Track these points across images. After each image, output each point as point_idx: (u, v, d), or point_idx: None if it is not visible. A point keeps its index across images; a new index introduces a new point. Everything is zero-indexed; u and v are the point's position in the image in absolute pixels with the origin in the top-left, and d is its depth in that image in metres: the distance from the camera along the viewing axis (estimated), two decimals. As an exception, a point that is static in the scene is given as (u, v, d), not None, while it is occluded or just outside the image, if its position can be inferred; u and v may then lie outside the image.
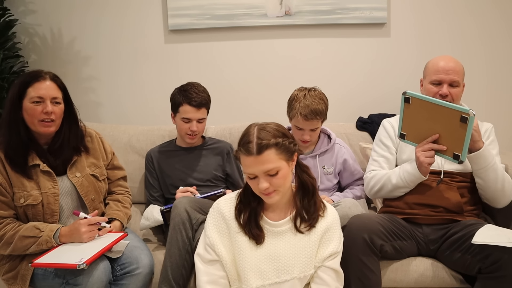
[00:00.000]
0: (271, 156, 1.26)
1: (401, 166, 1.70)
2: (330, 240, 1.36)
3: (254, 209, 1.36)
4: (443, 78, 1.70)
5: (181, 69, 2.52)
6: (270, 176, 1.27)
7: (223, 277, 1.37)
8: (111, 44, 2.51)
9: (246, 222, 1.35)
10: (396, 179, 1.68)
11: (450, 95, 1.70)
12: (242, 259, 1.34)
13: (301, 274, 1.33)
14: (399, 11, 2.47)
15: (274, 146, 1.27)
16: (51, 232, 1.49)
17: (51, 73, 1.59)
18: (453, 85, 1.70)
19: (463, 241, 1.50)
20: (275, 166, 1.27)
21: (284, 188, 1.33)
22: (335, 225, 1.38)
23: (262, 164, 1.26)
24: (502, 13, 2.47)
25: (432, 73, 1.74)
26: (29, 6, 2.49)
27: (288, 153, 1.30)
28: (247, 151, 1.26)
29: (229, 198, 1.43)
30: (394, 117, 1.90)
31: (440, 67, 1.72)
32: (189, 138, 1.95)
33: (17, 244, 1.49)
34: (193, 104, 1.89)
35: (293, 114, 1.87)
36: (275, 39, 2.49)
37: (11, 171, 1.52)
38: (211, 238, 1.37)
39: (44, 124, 1.54)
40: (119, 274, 1.50)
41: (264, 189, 1.27)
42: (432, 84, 1.73)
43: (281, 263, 1.34)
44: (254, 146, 1.26)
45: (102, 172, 1.72)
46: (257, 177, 1.28)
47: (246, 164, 1.28)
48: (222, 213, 1.39)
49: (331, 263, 1.35)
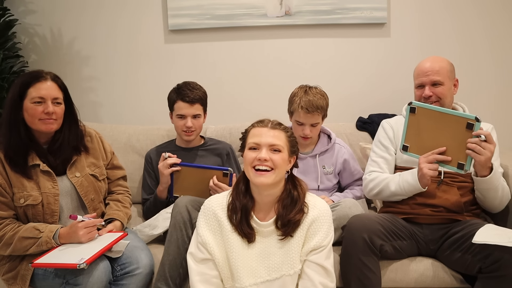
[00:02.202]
0: (282, 136, 1.38)
1: (401, 174, 1.68)
2: (315, 234, 1.36)
3: (245, 207, 1.38)
4: (423, 80, 1.74)
5: (181, 69, 2.52)
6: (273, 152, 1.35)
7: (216, 276, 1.38)
8: (111, 44, 2.51)
9: (239, 221, 1.37)
10: (395, 187, 1.67)
11: (434, 95, 1.71)
12: (235, 258, 1.36)
13: (290, 271, 1.35)
14: (399, 11, 2.47)
15: (285, 132, 1.40)
16: (50, 233, 1.49)
17: (52, 73, 1.59)
18: (436, 84, 1.72)
19: (463, 240, 1.50)
20: (281, 145, 1.36)
21: (279, 172, 1.35)
22: (322, 218, 1.38)
23: (271, 137, 1.36)
24: (502, 12, 2.47)
25: (415, 78, 1.79)
26: (29, 6, 2.49)
27: (292, 148, 1.40)
28: (263, 123, 1.40)
29: (220, 196, 1.46)
30: (394, 118, 1.90)
31: (420, 70, 1.76)
32: (185, 135, 1.95)
33: (16, 245, 1.48)
34: (186, 100, 1.90)
35: (293, 108, 1.88)
36: (275, 39, 2.49)
37: (10, 172, 1.52)
38: (203, 236, 1.39)
39: (45, 121, 1.54)
40: (119, 274, 1.50)
41: (263, 158, 1.32)
42: (417, 88, 1.77)
43: (271, 262, 1.36)
44: (270, 122, 1.40)
45: (102, 172, 1.72)
46: (259, 149, 1.35)
47: (256, 133, 1.37)
48: (214, 211, 1.41)
49: (315, 257, 1.35)
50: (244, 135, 1.43)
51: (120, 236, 1.55)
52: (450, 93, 1.74)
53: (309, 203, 1.41)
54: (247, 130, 1.42)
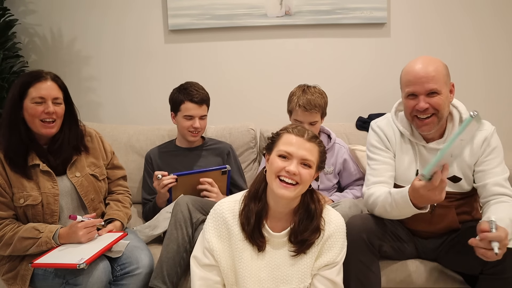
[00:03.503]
0: (315, 150, 1.30)
1: (400, 209, 1.42)
2: (330, 249, 1.34)
3: (259, 213, 1.33)
4: (417, 89, 1.44)
5: (181, 69, 2.52)
6: (302, 166, 1.28)
7: (218, 282, 1.35)
8: (111, 44, 2.51)
9: (252, 231, 1.32)
10: (393, 215, 1.49)
11: (430, 107, 1.44)
12: (242, 267, 1.33)
13: (300, 285, 1.32)
14: (399, 11, 2.47)
15: (320, 146, 1.32)
16: (50, 233, 1.49)
17: (52, 73, 1.59)
18: (433, 93, 1.44)
19: (463, 243, 1.49)
20: (313, 160, 1.29)
21: (303, 188, 1.30)
22: (337, 234, 1.35)
23: (305, 150, 1.28)
24: (500, 13, 2.47)
25: (404, 85, 1.49)
26: (29, 6, 2.49)
27: (321, 164, 1.33)
28: (299, 132, 1.30)
29: (232, 201, 1.39)
30: (383, 118, 1.67)
31: (412, 76, 1.45)
32: (191, 136, 1.95)
33: (16, 245, 1.49)
34: (195, 100, 1.90)
35: (292, 106, 1.89)
36: (275, 39, 2.49)
37: (10, 172, 1.52)
38: (210, 242, 1.35)
39: (45, 125, 1.54)
40: (119, 274, 1.50)
41: (292, 172, 1.25)
42: (407, 98, 1.49)
43: (280, 273, 1.33)
44: (306, 132, 1.31)
45: (102, 171, 1.72)
46: (290, 160, 1.27)
47: (291, 142, 1.28)
48: (224, 217, 1.36)
49: (327, 272, 1.33)
50: (275, 138, 1.34)
51: (120, 236, 1.55)
52: (447, 102, 1.47)
53: (325, 218, 1.36)
54: (279, 133, 1.33)
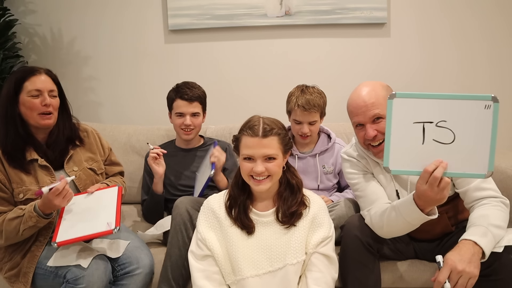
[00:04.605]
0: (274, 142, 1.35)
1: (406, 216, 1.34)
2: (320, 226, 1.40)
3: (243, 203, 1.41)
4: (360, 119, 1.46)
5: (181, 69, 2.52)
6: (267, 161, 1.34)
7: (217, 272, 1.39)
8: (111, 44, 2.52)
9: (237, 215, 1.40)
10: (401, 227, 1.39)
11: (378, 133, 1.43)
12: (235, 251, 1.37)
13: (293, 260, 1.36)
14: (399, 11, 2.47)
15: (278, 135, 1.36)
16: (30, 207, 1.46)
17: (44, 68, 1.62)
18: (378, 118, 1.42)
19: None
20: (275, 153, 1.35)
21: (276, 177, 1.38)
22: (322, 211, 1.43)
23: (264, 147, 1.33)
24: (502, 12, 2.47)
25: (350, 116, 1.51)
26: (29, 6, 2.49)
27: (286, 147, 1.39)
28: (253, 132, 1.34)
29: (218, 195, 1.49)
30: (349, 146, 1.65)
31: (353, 107, 1.47)
32: (184, 134, 1.95)
33: (6, 228, 1.47)
34: (185, 98, 1.91)
35: (290, 106, 1.89)
36: (275, 39, 2.49)
37: (9, 167, 1.53)
38: (202, 232, 1.41)
39: (43, 116, 1.56)
40: (120, 274, 1.51)
41: (259, 172, 1.33)
42: (357, 128, 1.51)
43: (273, 252, 1.37)
44: (261, 129, 1.34)
45: (100, 166, 1.73)
46: (254, 160, 1.35)
47: (248, 145, 1.34)
48: (212, 209, 1.44)
49: (324, 249, 1.38)
50: (236, 143, 1.40)
51: (118, 191, 1.57)
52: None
53: (309, 198, 1.45)
54: (238, 138, 1.39)
